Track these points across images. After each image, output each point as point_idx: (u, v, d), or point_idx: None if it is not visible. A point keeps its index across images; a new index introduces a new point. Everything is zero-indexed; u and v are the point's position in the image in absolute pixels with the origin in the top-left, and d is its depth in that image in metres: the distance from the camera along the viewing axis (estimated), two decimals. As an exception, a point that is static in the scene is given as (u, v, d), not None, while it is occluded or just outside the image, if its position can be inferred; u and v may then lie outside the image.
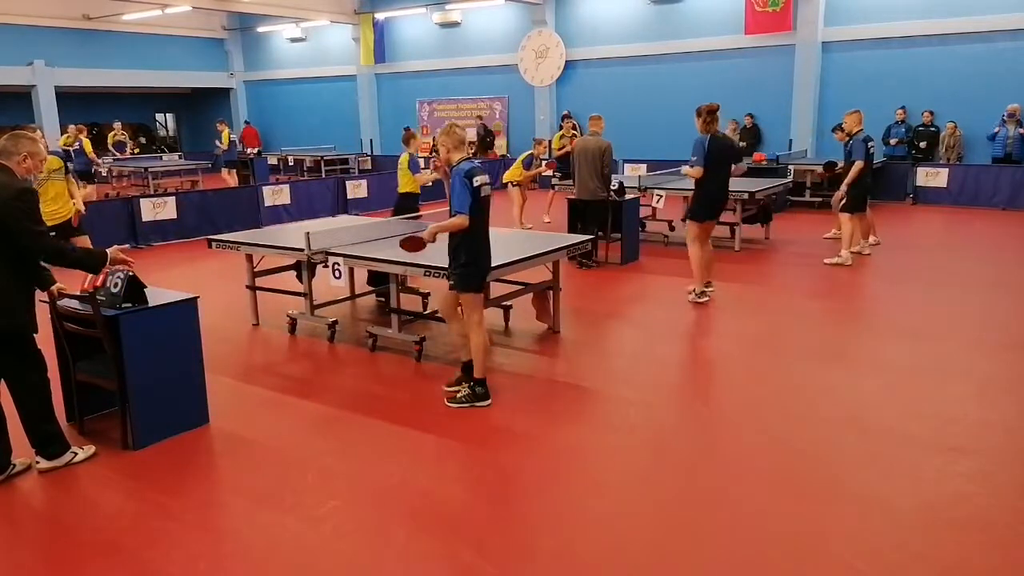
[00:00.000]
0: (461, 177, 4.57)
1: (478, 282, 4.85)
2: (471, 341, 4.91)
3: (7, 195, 3.72)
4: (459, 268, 4.74)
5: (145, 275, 4.44)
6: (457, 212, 4.58)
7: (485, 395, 4.88)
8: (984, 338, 6.07)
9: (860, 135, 8.76)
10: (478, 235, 4.72)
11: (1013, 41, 13.62)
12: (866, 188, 8.92)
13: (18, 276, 3.83)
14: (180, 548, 3.34)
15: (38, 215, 3.87)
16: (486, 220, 4.82)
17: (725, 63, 16.65)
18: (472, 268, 4.75)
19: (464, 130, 4.95)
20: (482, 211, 4.71)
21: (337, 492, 3.81)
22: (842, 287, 8.00)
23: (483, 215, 4.74)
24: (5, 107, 21.98)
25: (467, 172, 4.58)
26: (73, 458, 4.12)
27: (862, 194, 8.87)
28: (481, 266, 4.83)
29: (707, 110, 6.79)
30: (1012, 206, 12.77)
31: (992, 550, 3.22)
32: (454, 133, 4.75)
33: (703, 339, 6.33)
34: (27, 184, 3.91)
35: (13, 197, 3.73)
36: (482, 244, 4.80)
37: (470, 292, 4.82)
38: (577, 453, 4.25)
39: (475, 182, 4.59)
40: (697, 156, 6.80)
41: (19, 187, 3.80)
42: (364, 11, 21.64)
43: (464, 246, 4.69)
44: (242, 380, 5.49)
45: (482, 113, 20.18)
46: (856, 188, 8.73)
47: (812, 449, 4.21)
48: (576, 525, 3.50)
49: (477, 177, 4.61)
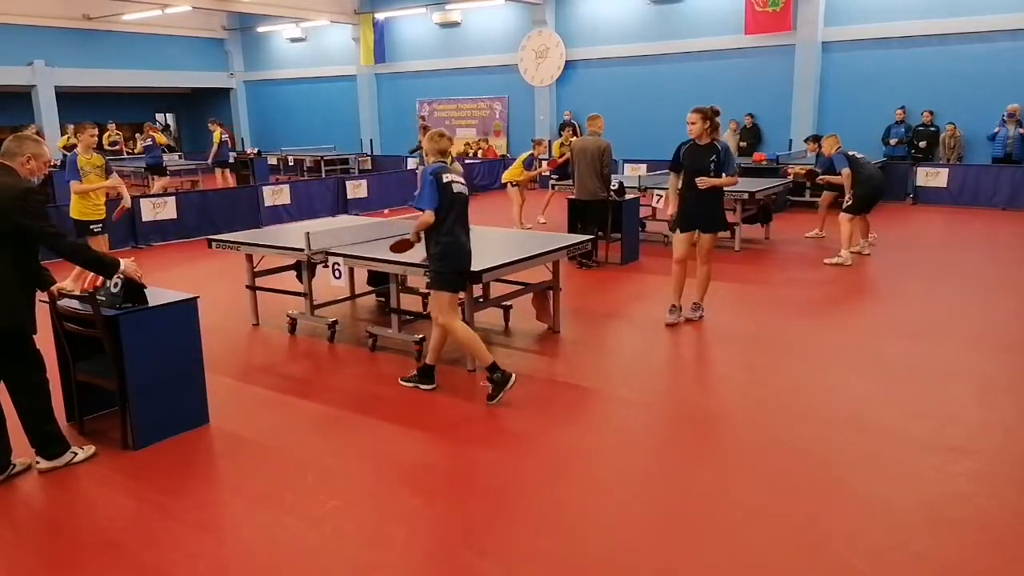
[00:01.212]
0: (427, 176, 4.70)
1: (452, 282, 4.86)
2: (444, 339, 5.01)
3: (11, 195, 3.73)
4: (433, 265, 4.82)
5: (145, 275, 4.43)
6: (419, 209, 4.72)
7: (504, 380, 4.82)
8: (984, 338, 6.07)
9: (838, 151, 9.02)
10: (451, 233, 4.77)
11: (1013, 41, 13.62)
12: (872, 192, 8.98)
13: (19, 276, 3.83)
14: (180, 548, 3.34)
15: (45, 213, 3.87)
16: (462, 218, 4.86)
17: (725, 63, 16.65)
18: (444, 266, 4.79)
19: (450, 139, 5.01)
20: (454, 208, 4.75)
21: (337, 492, 3.81)
22: (842, 287, 8.00)
23: (455, 212, 4.78)
24: (5, 107, 21.99)
25: (433, 171, 4.71)
26: (73, 458, 4.12)
27: (867, 197, 8.92)
28: (455, 265, 4.84)
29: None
30: (1012, 206, 12.77)
31: (992, 550, 3.22)
32: (436, 140, 4.87)
33: (703, 339, 6.33)
34: (31, 184, 3.91)
35: (17, 197, 3.74)
36: (456, 242, 4.81)
37: (444, 291, 4.85)
38: (577, 453, 4.25)
39: (444, 178, 4.70)
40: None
41: (22, 187, 3.81)
42: (364, 11, 21.65)
43: (437, 244, 4.76)
44: (242, 380, 5.49)
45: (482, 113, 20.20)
46: (860, 191, 8.78)
47: (812, 449, 4.21)
48: (576, 525, 3.50)
49: (445, 175, 4.71)
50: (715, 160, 6.16)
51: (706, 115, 6.15)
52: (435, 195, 4.67)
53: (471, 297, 5.49)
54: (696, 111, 6.19)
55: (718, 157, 6.17)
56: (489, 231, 7.47)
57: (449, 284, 4.86)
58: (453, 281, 4.88)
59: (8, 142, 3.91)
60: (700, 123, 6.15)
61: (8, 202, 3.71)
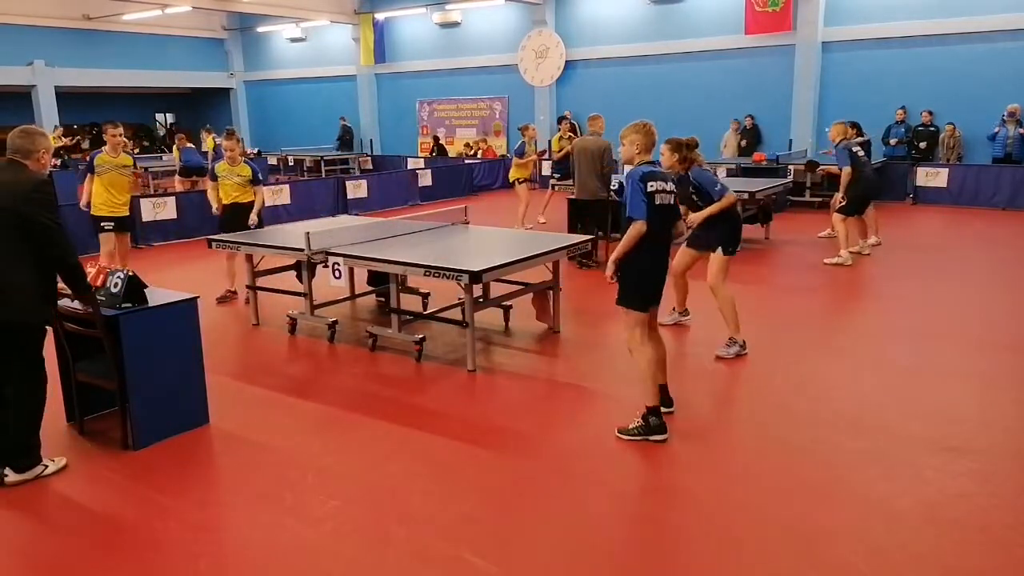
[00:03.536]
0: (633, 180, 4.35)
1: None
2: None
3: (26, 188, 3.75)
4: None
5: (145, 275, 4.43)
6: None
7: (657, 429, 4.32)
8: (984, 338, 6.07)
9: (843, 144, 8.89)
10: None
11: (1013, 41, 13.62)
12: (864, 193, 8.98)
13: (40, 270, 3.83)
14: (180, 548, 3.34)
15: (55, 207, 3.88)
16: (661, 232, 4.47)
17: (725, 63, 16.65)
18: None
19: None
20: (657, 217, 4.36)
21: (337, 492, 3.81)
22: (842, 287, 8.00)
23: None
24: (5, 107, 21.97)
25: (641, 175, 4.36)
26: (44, 471, 4.02)
27: (859, 198, 8.93)
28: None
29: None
30: (1012, 206, 12.76)
31: (992, 550, 3.22)
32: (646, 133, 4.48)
33: (703, 339, 6.32)
34: (43, 176, 3.93)
35: (32, 189, 3.76)
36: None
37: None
38: (577, 453, 4.25)
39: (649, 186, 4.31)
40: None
41: (36, 179, 3.84)
42: (364, 11, 21.64)
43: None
44: (242, 380, 5.49)
45: (482, 113, 20.20)
46: (852, 192, 8.79)
47: (812, 449, 4.21)
48: (576, 525, 3.50)
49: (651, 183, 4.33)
50: (695, 190, 5.67)
51: (676, 147, 5.37)
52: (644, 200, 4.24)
53: (471, 297, 5.49)
54: (667, 143, 5.38)
55: (699, 187, 5.66)
56: (489, 231, 7.47)
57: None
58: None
59: (17, 138, 3.89)
60: (668, 155, 5.34)
61: (26, 195, 3.72)
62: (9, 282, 3.75)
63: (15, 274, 3.76)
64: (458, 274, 5.20)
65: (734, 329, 5.79)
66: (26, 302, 3.81)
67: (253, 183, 7.54)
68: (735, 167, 13.93)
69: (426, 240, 6.54)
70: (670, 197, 4.41)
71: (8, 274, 3.75)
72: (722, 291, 5.75)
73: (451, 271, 5.25)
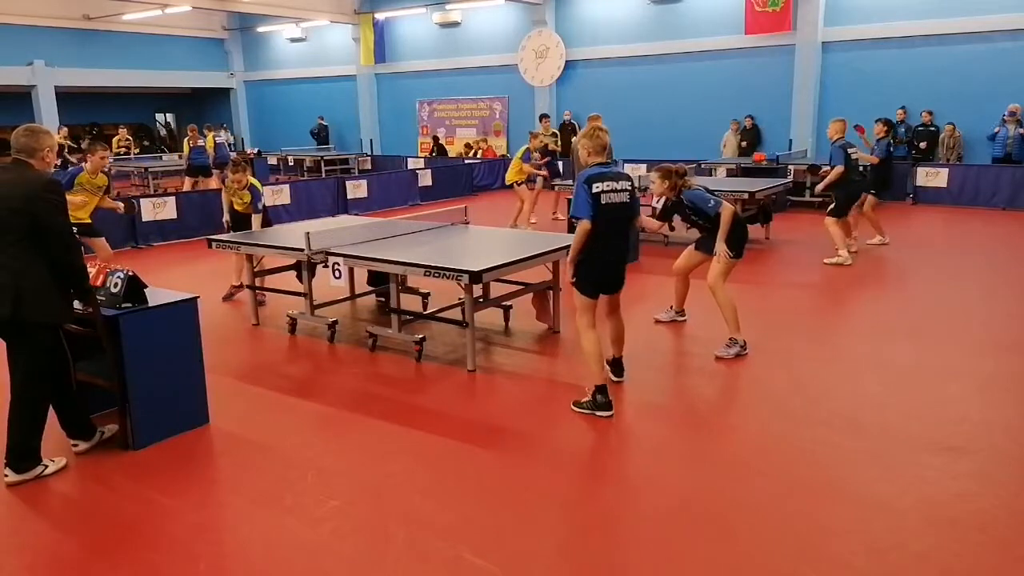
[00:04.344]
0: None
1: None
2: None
3: (37, 187, 3.74)
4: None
5: (145, 275, 4.43)
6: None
7: (603, 406, 4.65)
8: (984, 338, 6.07)
9: (840, 142, 8.89)
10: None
11: (1013, 41, 13.62)
12: (852, 197, 9.05)
13: (53, 271, 3.82)
14: (180, 548, 3.34)
15: (65, 208, 3.88)
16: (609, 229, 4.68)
17: (725, 63, 16.65)
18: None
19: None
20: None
21: (337, 492, 3.81)
22: (842, 287, 8.00)
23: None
24: (5, 107, 21.99)
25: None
26: (43, 471, 4.02)
27: (849, 199, 8.96)
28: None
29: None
30: (1012, 206, 12.77)
31: (992, 550, 3.22)
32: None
33: (702, 339, 6.32)
34: (52, 175, 3.92)
35: (43, 189, 3.75)
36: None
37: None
38: (577, 453, 4.25)
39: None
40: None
41: (46, 179, 3.83)
42: (364, 11, 21.65)
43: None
44: (242, 380, 5.49)
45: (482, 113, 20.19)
46: (840, 192, 8.81)
47: (812, 449, 4.21)
48: (576, 525, 3.51)
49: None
50: (691, 210, 5.77)
51: (666, 175, 5.73)
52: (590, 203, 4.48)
53: (471, 297, 5.49)
54: (657, 171, 5.80)
55: (694, 207, 5.75)
56: (489, 231, 7.47)
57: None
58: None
59: (21, 137, 3.87)
60: (659, 183, 5.74)
61: (35, 195, 3.71)
62: (25, 282, 3.74)
63: (31, 274, 3.75)
64: (458, 274, 5.20)
65: (734, 329, 5.79)
66: (41, 302, 3.80)
67: (253, 209, 7.57)
68: (735, 167, 13.94)
69: (426, 240, 6.54)
70: (622, 195, 4.63)
71: (24, 274, 3.74)
72: (721, 292, 5.75)
73: (451, 271, 5.25)
